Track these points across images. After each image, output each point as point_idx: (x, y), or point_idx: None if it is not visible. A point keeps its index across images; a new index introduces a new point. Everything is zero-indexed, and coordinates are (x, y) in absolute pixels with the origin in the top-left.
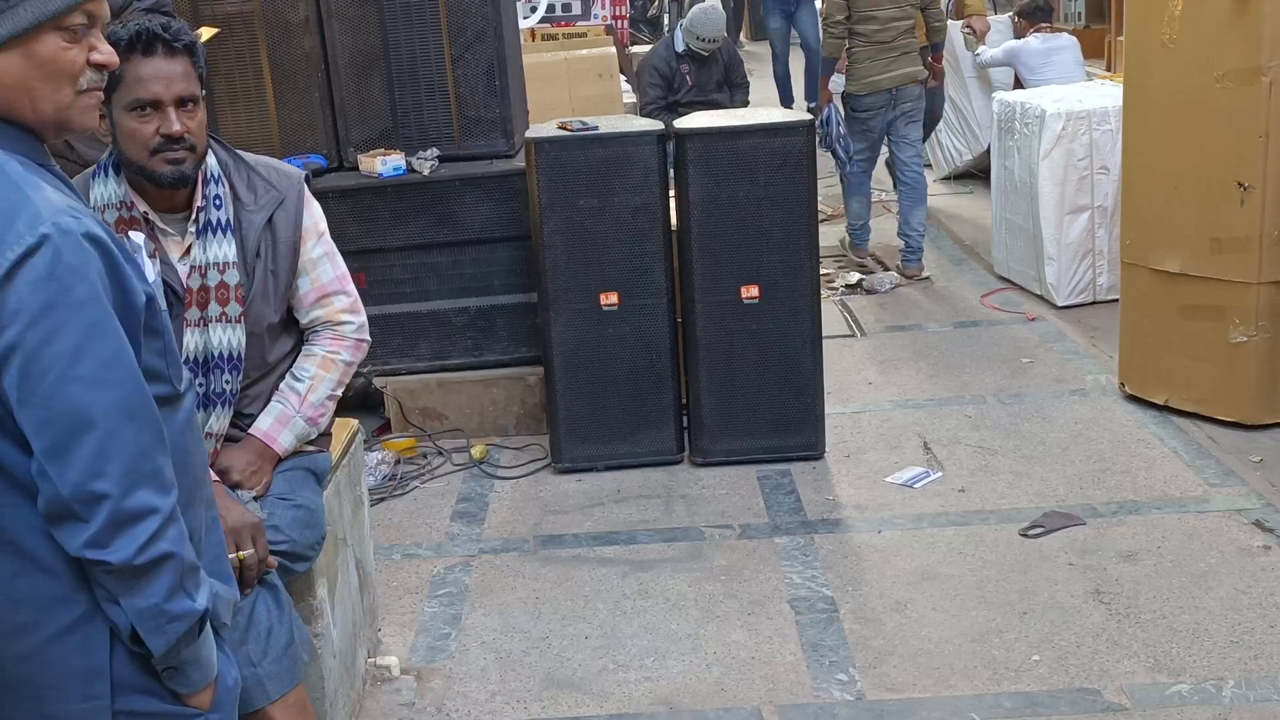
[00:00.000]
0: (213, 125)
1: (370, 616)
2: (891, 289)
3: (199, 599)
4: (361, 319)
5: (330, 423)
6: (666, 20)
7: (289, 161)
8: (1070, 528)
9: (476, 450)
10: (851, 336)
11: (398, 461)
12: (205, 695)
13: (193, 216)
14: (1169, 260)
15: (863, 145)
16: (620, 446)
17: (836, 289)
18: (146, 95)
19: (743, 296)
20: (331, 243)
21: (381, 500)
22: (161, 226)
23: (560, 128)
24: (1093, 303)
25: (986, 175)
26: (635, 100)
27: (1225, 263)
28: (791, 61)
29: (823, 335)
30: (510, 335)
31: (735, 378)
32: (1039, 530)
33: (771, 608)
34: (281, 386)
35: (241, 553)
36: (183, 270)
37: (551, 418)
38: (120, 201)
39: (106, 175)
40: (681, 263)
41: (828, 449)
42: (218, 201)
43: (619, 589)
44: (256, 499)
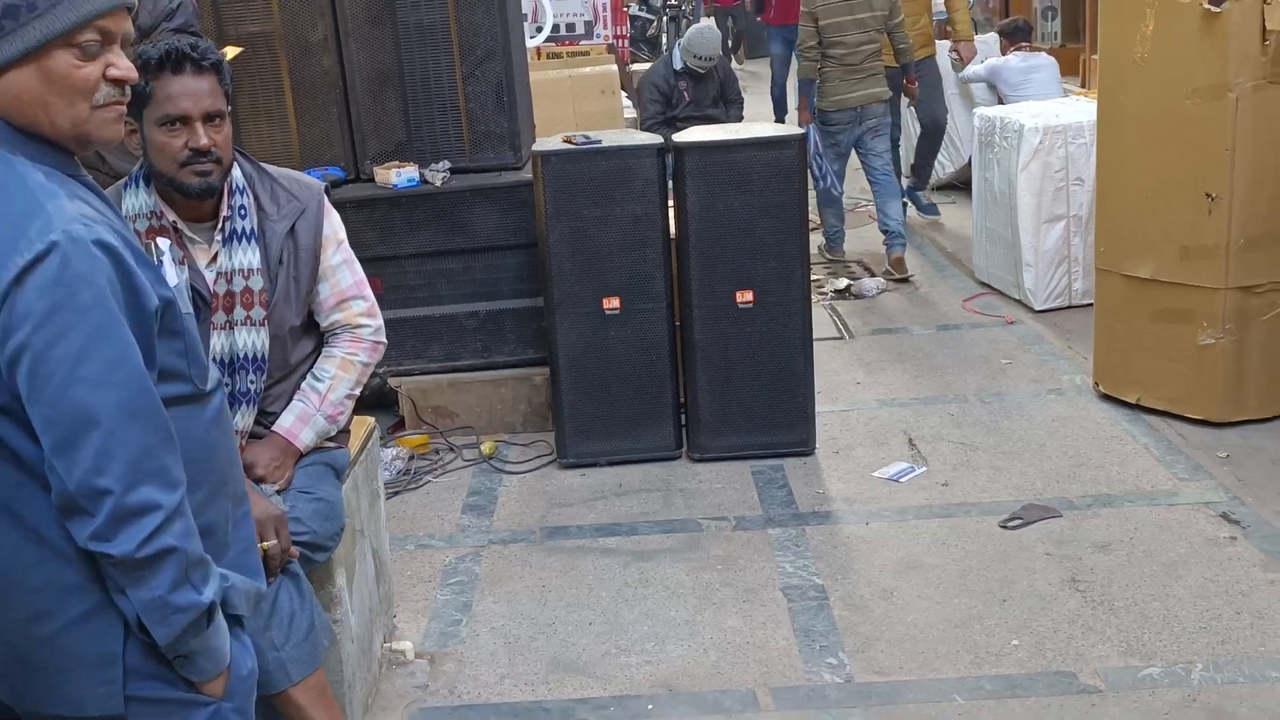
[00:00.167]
0: (237, 139)
1: (386, 604)
2: (878, 294)
3: (205, 592)
4: (378, 322)
5: (349, 420)
6: (665, 40)
7: (309, 173)
8: (1047, 520)
9: (486, 446)
10: (840, 339)
11: (411, 457)
12: (218, 684)
13: (219, 225)
14: (1141, 267)
15: (833, 157)
16: (622, 443)
17: (826, 294)
18: (176, 111)
19: (738, 301)
20: (350, 250)
21: (396, 494)
22: (190, 235)
23: (565, 141)
24: (1068, 307)
25: (968, 186)
26: (635, 115)
27: (1194, 269)
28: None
29: (813, 338)
30: (518, 338)
31: (730, 378)
32: (1018, 522)
33: (765, 595)
34: (303, 386)
35: (265, 543)
36: (209, 276)
37: (557, 416)
38: (151, 211)
39: (137, 186)
40: (680, 269)
41: (818, 445)
42: (243, 211)
43: (621, 578)
44: (279, 492)
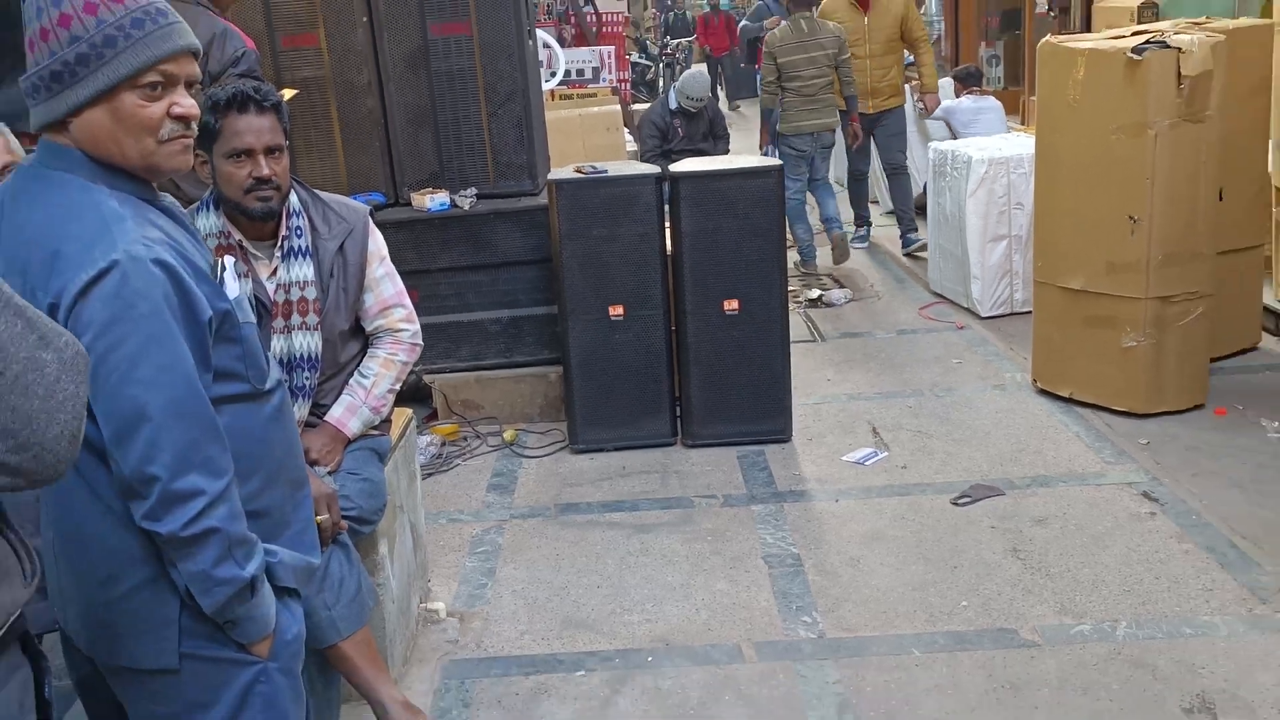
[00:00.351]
0: (293, 168)
1: (422, 570)
2: (845, 303)
3: (247, 568)
4: (416, 327)
5: (390, 411)
6: (662, 83)
7: (355, 198)
8: (992, 497)
9: (508, 434)
10: (813, 342)
11: (443, 443)
12: (263, 646)
13: (278, 244)
14: (1073, 279)
15: (795, 177)
16: (625, 431)
17: (801, 303)
18: (241, 145)
19: (725, 309)
20: (391, 265)
21: (430, 475)
22: (253, 252)
23: (576, 171)
24: (1010, 314)
25: (924, 211)
26: (636, 148)
27: (1119, 281)
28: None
29: (790, 340)
30: (535, 340)
31: (719, 375)
32: (967, 500)
33: (749, 563)
34: (350, 382)
35: (319, 518)
36: (270, 288)
37: (569, 408)
38: (220, 231)
39: (208, 210)
40: (675, 281)
41: (794, 433)
42: (299, 231)
43: (624, 547)
44: (330, 474)
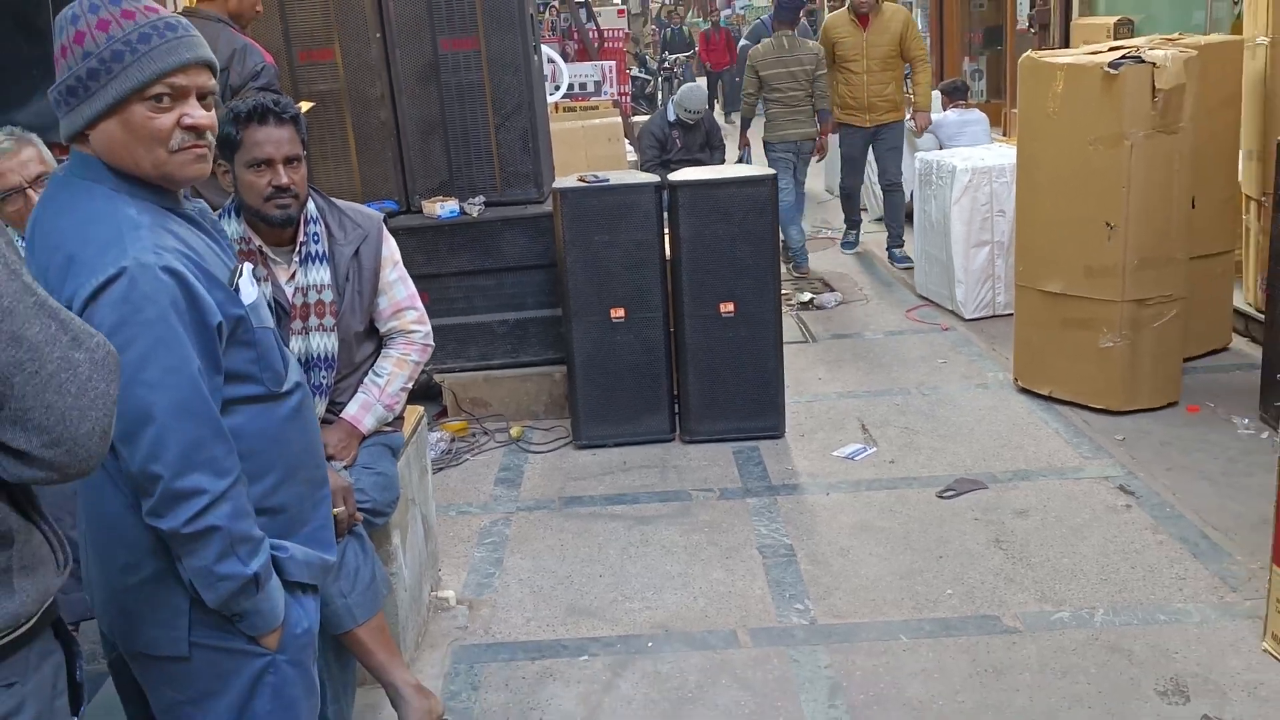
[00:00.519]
0: (310, 177)
1: (433, 560)
2: (836, 306)
3: (250, 565)
4: (427, 328)
5: (403, 409)
6: (660, 96)
7: (369, 206)
8: (976, 491)
9: (514, 430)
10: (805, 342)
11: (453, 439)
12: (272, 639)
13: (296, 249)
14: (1052, 283)
15: (781, 186)
16: (626, 428)
17: (793, 305)
18: (261, 155)
19: (721, 311)
20: (404, 269)
21: (440, 469)
22: (273, 257)
23: (579, 180)
24: (993, 316)
25: (911, 218)
26: (636, 158)
27: (1096, 285)
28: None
29: (783, 341)
30: (540, 341)
31: (715, 374)
32: (951, 493)
33: (744, 553)
34: (365, 381)
35: (335, 510)
36: (289, 291)
37: (572, 405)
38: (240, 237)
39: (229, 217)
40: (673, 285)
41: (787, 430)
42: (316, 237)
43: (625, 538)
44: (346, 468)
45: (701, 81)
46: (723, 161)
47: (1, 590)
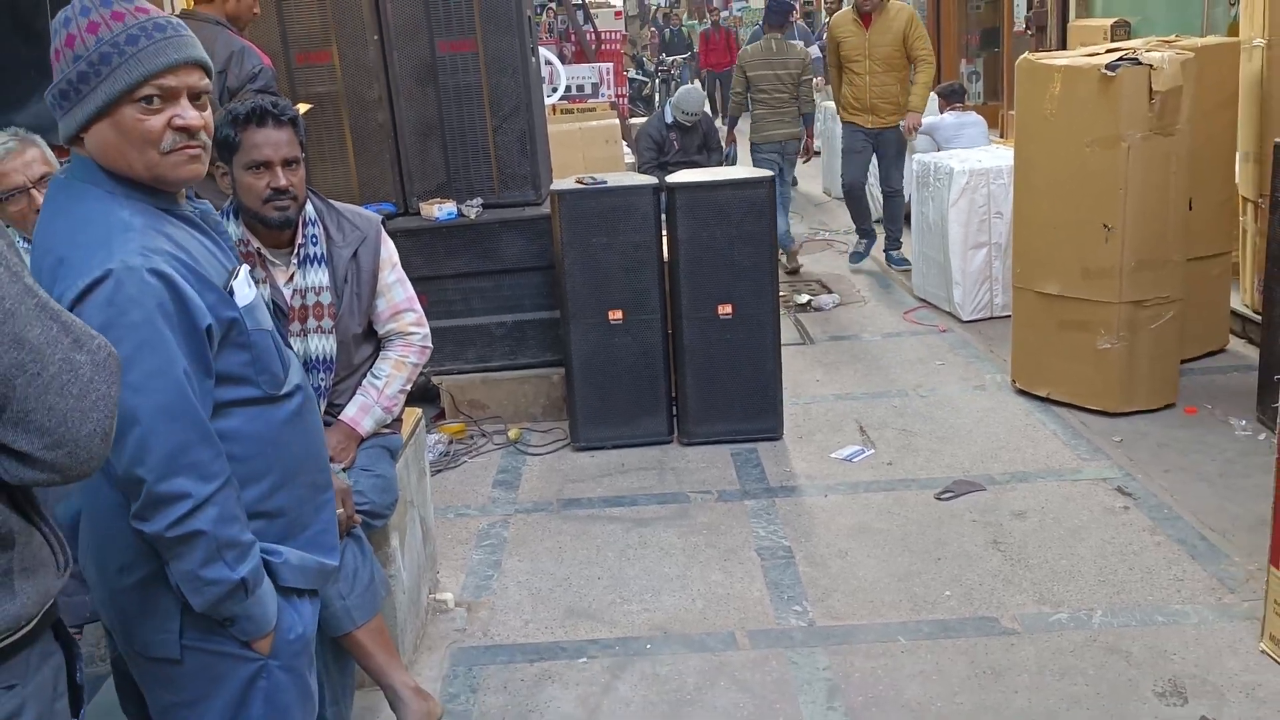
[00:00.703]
0: (308, 179)
1: (431, 562)
2: (833, 308)
3: (238, 570)
4: (425, 330)
5: (401, 411)
6: (658, 98)
7: (367, 208)
8: (974, 492)
9: (512, 433)
10: (803, 344)
11: (451, 441)
12: (264, 643)
13: (295, 251)
14: (1049, 285)
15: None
16: (624, 430)
17: (791, 307)
18: (260, 157)
19: (719, 313)
20: (402, 271)
21: (439, 472)
22: (271, 259)
23: (577, 182)
24: (990, 318)
25: (908, 219)
26: (634, 161)
27: (1093, 287)
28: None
29: (781, 343)
30: (538, 343)
31: (713, 376)
32: (949, 494)
33: (742, 555)
34: (364, 383)
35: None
36: (287, 293)
37: (570, 407)
38: (239, 240)
39: (228, 219)
40: (671, 286)
41: (785, 432)
42: (314, 239)
43: (623, 540)
44: (345, 470)
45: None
46: (720, 163)
47: (2, 592)
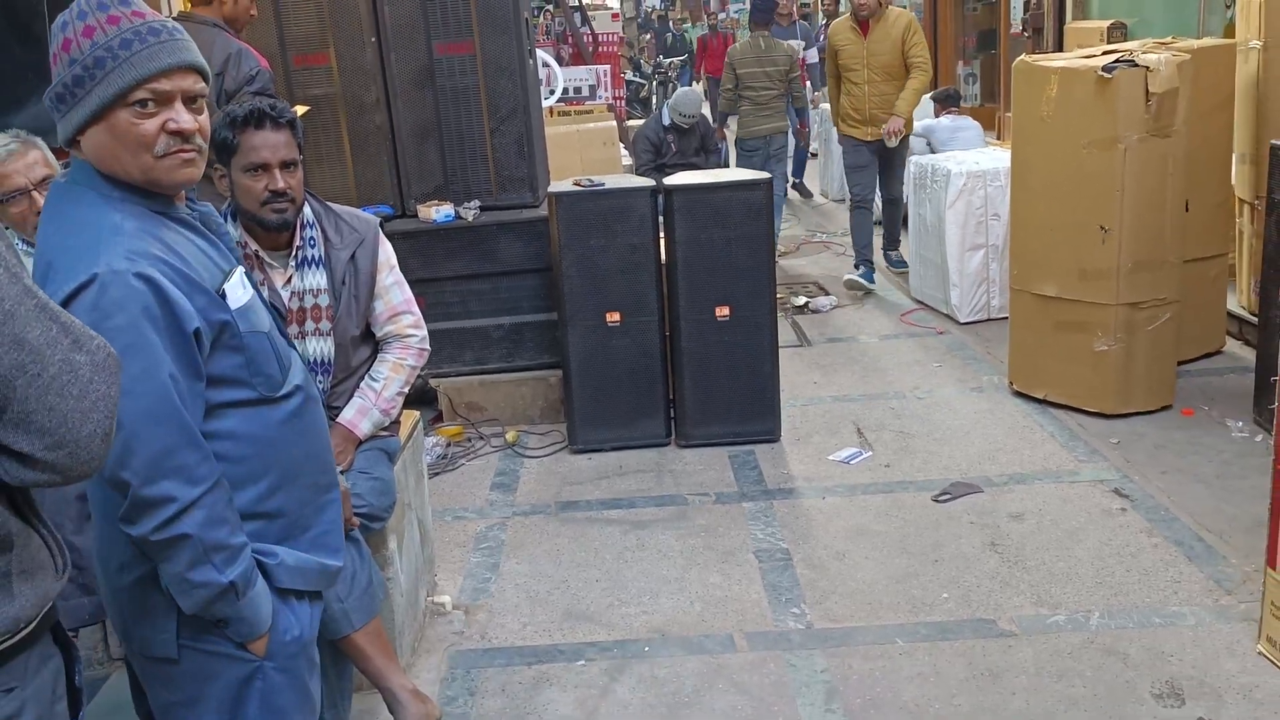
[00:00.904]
0: (305, 182)
1: (429, 564)
2: (831, 309)
3: (226, 573)
4: (423, 333)
5: (399, 414)
6: (655, 100)
7: (364, 210)
8: (971, 494)
9: (510, 435)
10: (801, 346)
11: (449, 444)
12: (259, 645)
13: (293, 253)
14: (1047, 286)
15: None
16: (622, 432)
17: (789, 309)
18: (257, 159)
19: (717, 315)
20: (400, 273)
21: (437, 474)
22: (269, 261)
23: (575, 184)
24: (987, 320)
25: (905, 222)
26: (631, 163)
27: (1090, 288)
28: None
29: (779, 345)
30: (536, 345)
31: (711, 378)
32: (947, 496)
33: (740, 557)
34: (361, 385)
35: None
36: (285, 295)
37: (568, 410)
38: (237, 242)
39: (226, 221)
40: (669, 288)
41: (783, 434)
42: (312, 242)
43: (621, 543)
44: (343, 473)
45: (693, 87)
46: (718, 165)
47: (1, 594)
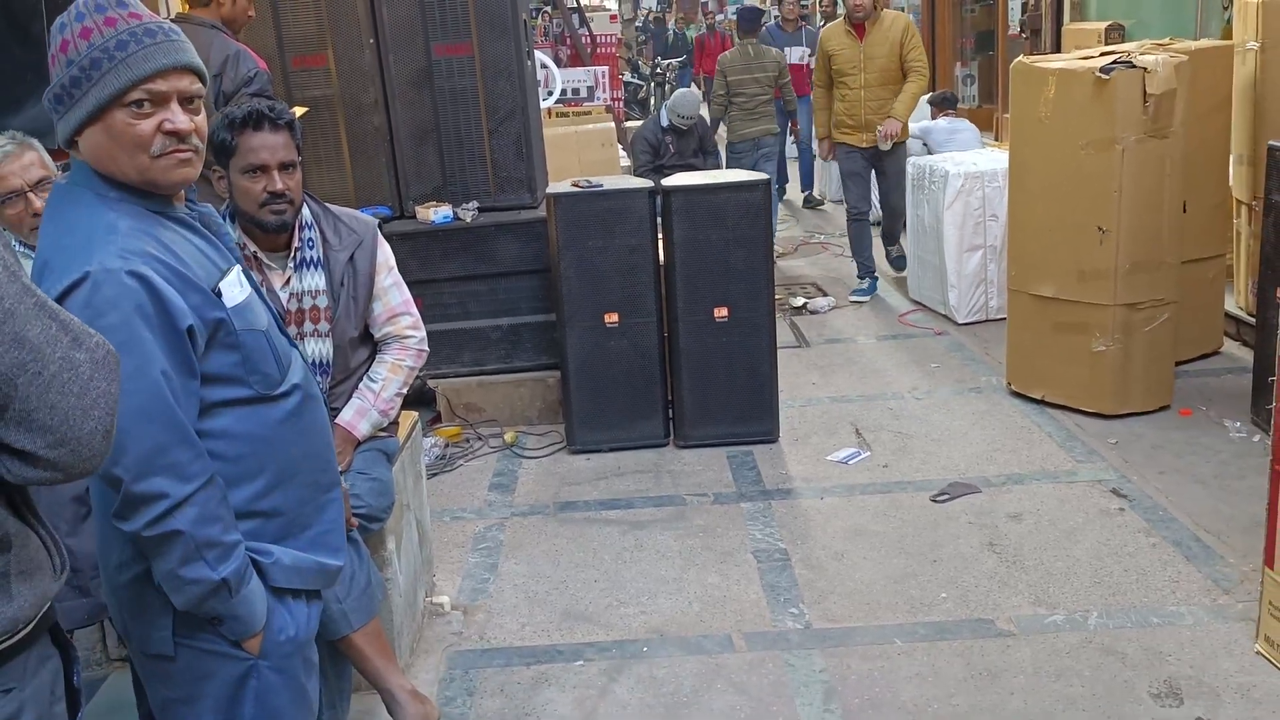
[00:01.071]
0: (304, 183)
1: (427, 565)
2: (829, 310)
3: (219, 570)
4: (422, 333)
5: (398, 414)
6: (653, 102)
7: (363, 211)
8: (969, 494)
9: (508, 436)
10: (799, 347)
11: (447, 445)
12: (253, 643)
13: (291, 255)
14: (1044, 287)
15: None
16: (620, 433)
17: (787, 310)
18: (256, 161)
19: (715, 316)
20: (398, 274)
21: (435, 475)
22: (268, 262)
23: (573, 185)
24: (986, 320)
25: (904, 226)
26: (630, 164)
27: (1088, 289)
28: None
29: (777, 346)
30: (534, 346)
31: (709, 379)
32: (945, 497)
33: (739, 557)
34: (360, 386)
35: None
36: (284, 296)
37: (566, 410)
38: (236, 243)
39: (225, 222)
40: (667, 289)
41: (781, 434)
42: (310, 243)
43: (620, 543)
44: (341, 474)
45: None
46: (716, 166)
47: None
